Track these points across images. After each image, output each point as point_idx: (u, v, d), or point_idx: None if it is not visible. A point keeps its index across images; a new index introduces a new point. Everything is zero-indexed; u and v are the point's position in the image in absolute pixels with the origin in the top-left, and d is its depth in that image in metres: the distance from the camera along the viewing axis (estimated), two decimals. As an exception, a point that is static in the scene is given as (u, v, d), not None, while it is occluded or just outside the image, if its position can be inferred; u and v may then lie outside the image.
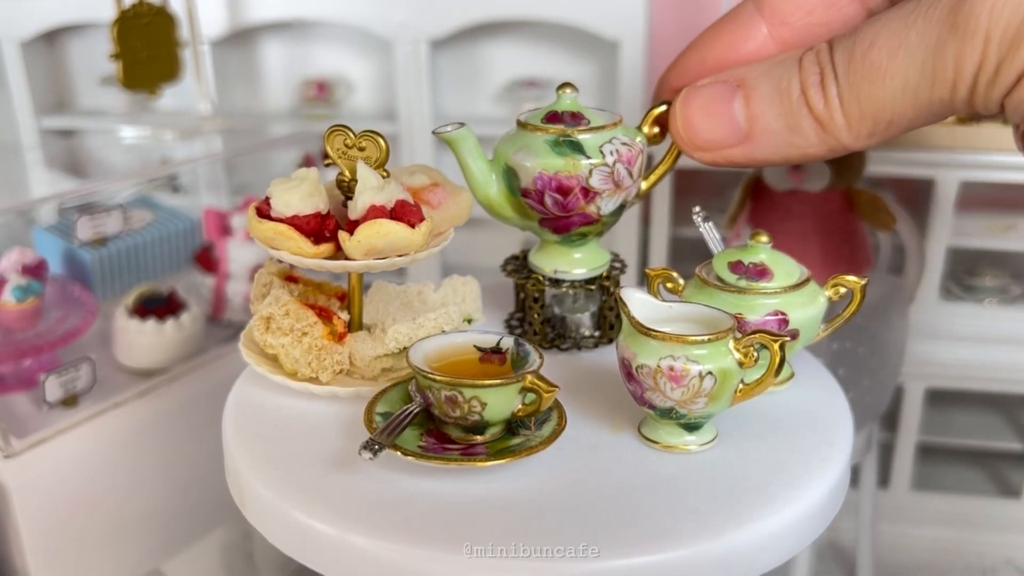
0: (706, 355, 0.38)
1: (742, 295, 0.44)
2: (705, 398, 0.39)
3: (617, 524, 0.37)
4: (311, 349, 0.46)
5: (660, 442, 0.42)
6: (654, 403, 0.40)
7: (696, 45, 0.45)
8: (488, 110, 1.73)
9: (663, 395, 0.39)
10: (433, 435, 0.42)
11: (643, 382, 0.39)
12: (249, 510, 0.42)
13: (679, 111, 0.43)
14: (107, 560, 0.83)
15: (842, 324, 0.47)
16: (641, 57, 1.50)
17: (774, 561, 0.38)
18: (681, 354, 0.38)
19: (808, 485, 0.39)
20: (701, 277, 0.46)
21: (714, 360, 0.38)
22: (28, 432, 0.77)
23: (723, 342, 0.39)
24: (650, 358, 0.39)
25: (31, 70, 1.74)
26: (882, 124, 0.37)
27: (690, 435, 0.42)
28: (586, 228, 0.49)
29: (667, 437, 0.42)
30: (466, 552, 0.35)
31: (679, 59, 0.46)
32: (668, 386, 0.39)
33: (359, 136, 0.45)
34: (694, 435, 0.42)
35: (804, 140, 0.39)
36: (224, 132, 1.22)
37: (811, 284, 0.45)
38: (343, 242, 0.44)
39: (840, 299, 0.46)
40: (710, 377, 0.38)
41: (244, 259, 0.97)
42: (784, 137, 0.39)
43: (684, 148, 0.44)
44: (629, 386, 0.41)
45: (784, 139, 0.40)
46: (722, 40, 0.44)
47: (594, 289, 0.52)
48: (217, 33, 1.63)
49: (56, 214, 1.00)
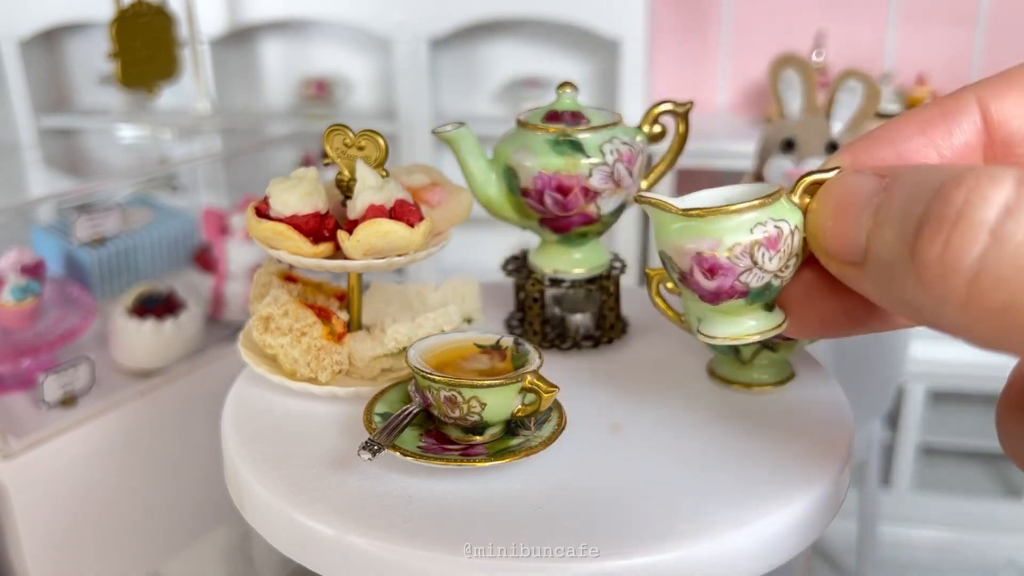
0: (786, 210, 0.35)
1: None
2: (795, 258, 0.36)
3: (617, 524, 0.37)
4: (310, 349, 0.46)
5: (747, 335, 0.37)
6: (750, 285, 0.36)
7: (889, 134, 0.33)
8: (488, 110, 1.73)
9: (760, 270, 0.35)
10: (432, 435, 0.41)
11: (736, 265, 0.35)
12: (248, 510, 0.42)
13: (817, 197, 0.34)
14: (107, 560, 0.83)
15: None
16: (641, 57, 1.50)
17: (774, 561, 0.38)
18: (767, 218, 0.35)
19: (808, 485, 0.39)
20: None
21: (792, 214, 0.35)
22: (27, 432, 0.77)
23: (783, 197, 0.35)
24: (741, 234, 0.35)
25: (30, 69, 1.74)
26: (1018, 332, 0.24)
27: (771, 315, 0.38)
28: (586, 228, 0.49)
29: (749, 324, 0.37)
30: (466, 552, 0.35)
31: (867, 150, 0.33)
32: (766, 256, 0.35)
33: (358, 135, 0.45)
34: (774, 314, 0.38)
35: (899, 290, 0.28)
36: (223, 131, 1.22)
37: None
38: (342, 242, 0.44)
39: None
40: (797, 232, 0.35)
41: (243, 259, 0.97)
42: (886, 280, 0.28)
43: (810, 245, 0.35)
44: (711, 283, 0.36)
45: (886, 283, 0.28)
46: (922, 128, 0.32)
47: (594, 289, 0.52)
48: (216, 32, 1.63)
49: (55, 214, 1.00)
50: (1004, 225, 0.23)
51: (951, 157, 0.31)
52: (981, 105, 0.31)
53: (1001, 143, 0.31)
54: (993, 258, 0.23)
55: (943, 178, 0.26)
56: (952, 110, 0.31)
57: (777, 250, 0.35)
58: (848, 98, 0.97)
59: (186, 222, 1.04)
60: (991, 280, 0.23)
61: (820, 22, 1.61)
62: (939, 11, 1.60)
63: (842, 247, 0.31)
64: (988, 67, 1.61)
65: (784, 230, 0.35)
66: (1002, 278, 0.23)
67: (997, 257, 0.23)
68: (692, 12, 1.71)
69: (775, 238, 0.35)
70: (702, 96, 1.75)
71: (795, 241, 0.35)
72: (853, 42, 1.63)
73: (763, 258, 0.35)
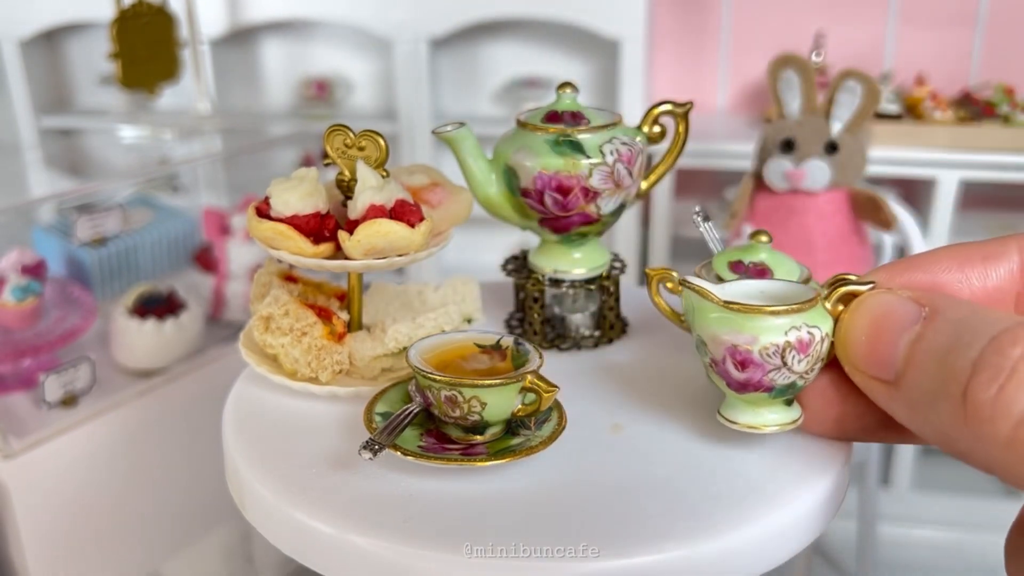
0: (817, 317, 0.37)
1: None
2: (821, 361, 0.38)
3: (617, 524, 0.37)
4: (311, 349, 0.46)
5: (764, 426, 0.39)
6: (775, 383, 0.38)
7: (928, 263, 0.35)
8: (488, 110, 1.73)
9: (789, 371, 0.37)
10: (433, 435, 0.42)
11: (767, 363, 0.37)
12: (249, 510, 0.42)
13: (851, 309, 0.36)
14: (107, 560, 0.83)
15: None
16: (641, 57, 1.50)
17: (774, 561, 0.38)
18: (803, 323, 0.37)
19: (808, 485, 0.39)
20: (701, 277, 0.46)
21: (824, 321, 0.37)
22: (28, 432, 0.77)
23: (820, 303, 0.37)
24: (776, 335, 0.37)
25: (31, 69, 1.74)
26: None
27: (789, 410, 0.40)
28: (586, 228, 0.49)
29: (768, 417, 0.39)
30: (466, 552, 0.35)
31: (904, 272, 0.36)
32: (796, 358, 0.37)
33: (359, 136, 0.45)
34: (792, 409, 0.40)
35: (939, 421, 0.30)
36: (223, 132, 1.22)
37: (811, 283, 0.45)
38: (343, 242, 0.44)
39: None
40: (827, 339, 0.37)
41: (243, 259, 0.97)
42: (923, 406, 0.31)
43: (837, 352, 0.37)
44: (742, 375, 0.38)
45: (922, 409, 0.31)
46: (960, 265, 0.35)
47: (594, 289, 0.52)
48: (217, 32, 1.63)
49: (56, 214, 1.00)
50: None
51: (982, 297, 0.34)
52: (1022, 255, 0.34)
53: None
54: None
55: (994, 329, 0.29)
56: (993, 254, 0.35)
57: (807, 354, 0.37)
58: (847, 98, 0.97)
59: (187, 222, 1.04)
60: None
61: (819, 22, 1.61)
62: (939, 11, 1.60)
63: (875, 365, 0.34)
64: (988, 67, 1.61)
65: (816, 336, 0.37)
66: None
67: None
68: (692, 12, 1.71)
69: (807, 343, 0.37)
70: (702, 96, 1.75)
71: (824, 347, 0.37)
72: (852, 42, 1.63)
73: (793, 360, 0.37)
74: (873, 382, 0.34)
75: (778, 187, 1.02)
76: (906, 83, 1.59)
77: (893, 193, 1.35)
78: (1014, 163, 1.39)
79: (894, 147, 1.42)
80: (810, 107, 1.00)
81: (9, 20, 1.70)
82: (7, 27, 1.70)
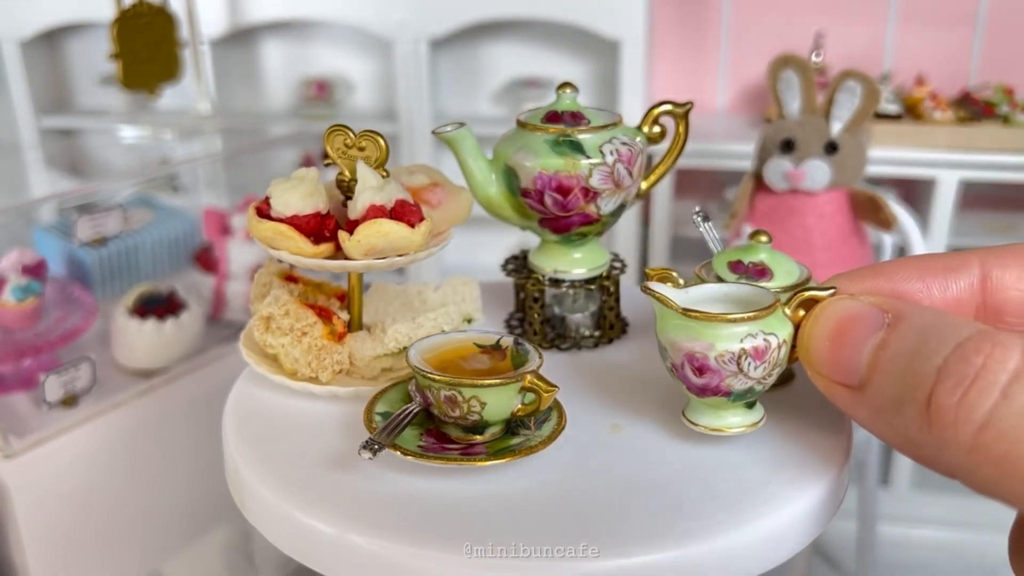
0: (774, 324, 0.38)
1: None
2: (779, 368, 0.38)
3: (617, 524, 0.37)
4: (311, 349, 0.46)
5: (727, 428, 0.40)
6: (733, 388, 0.39)
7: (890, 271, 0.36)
8: (488, 110, 1.73)
9: (745, 376, 0.38)
10: (433, 435, 0.42)
11: (723, 369, 0.38)
12: (249, 510, 0.42)
13: (814, 315, 0.36)
14: (107, 560, 0.83)
15: None
16: (641, 57, 1.50)
17: (774, 561, 0.38)
18: (759, 330, 0.37)
19: (808, 485, 0.39)
20: (700, 277, 0.46)
21: (782, 327, 0.38)
22: (28, 432, 0.77)
23: (779, 309, 0.38)
24: (731, 343, 0.37)
25: (31, 70, 1.74)
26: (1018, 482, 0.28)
27: (751, 412, 0.41)
28: (586, 228, 0.49)
29: (731, 420, 0.40)
30: (466, 552, 0.35)
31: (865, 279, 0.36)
32: (751, 365, 0.38)
33: (359, 136, 0.45)
34: (753, 411, 0.41)
35: (903, 425, 0.30)
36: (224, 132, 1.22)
37: (811, 284, 0.45)
38: (343, 242, 0.44)
39: None
40: (784, 346, 0.38)
41: (244, 259, 0.97)
42: (887, 411, 0.31)
43: (800, 357, 0.37)
44: (699, 380, 0.39)
45: (886, 414, 0.31)
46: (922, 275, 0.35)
47: (594, 289, 0.52)
48: (217, 33, 1.63)
49: (56, 214, 1.00)
50: (1012, 387, 0.27)
51: (942, 307, 0.34)
52: (983, 269, 0.34)
53: (993, 308, 0.34)
54: (1000, 413, 0.27)
55: (959, 335, 0.29)
56: (955, 266, 0.35)
57: (763, 361, 0.38)
58: (847, 98, 0.97)
59: (187, 222, 1.04)
60: (995, 431, 0.27)
61: (819, 22, 1.61)
62: (939, 11, 1.60)
63: (838, 370, 0.34)
64: (988, 67, 1.61)
65: (772, 343, 0.38)
66: (1005, 430, 0.27)
67: (1003, 413, 0.27)
68: (692, 12, 1.71)
69: (763, 350, 0.38)
70: (702, 96, 1.75)
71: (782, 353, 0.38)
72: (852, 42, 1.63)
73: (749, 367, 0.38)
74: (836, 387, 0.34)
75: (778, 187, 1.02)
76: (906, 83, 1.59)
77: (893, 193, 1.35)
78: (1014, 163, 1.39)
79: (894, 147, 1.42)
80: (810, 107, 1.00)
81: (9, 20, 1.70)
82: (7, 27, 1.70)
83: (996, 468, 0.28)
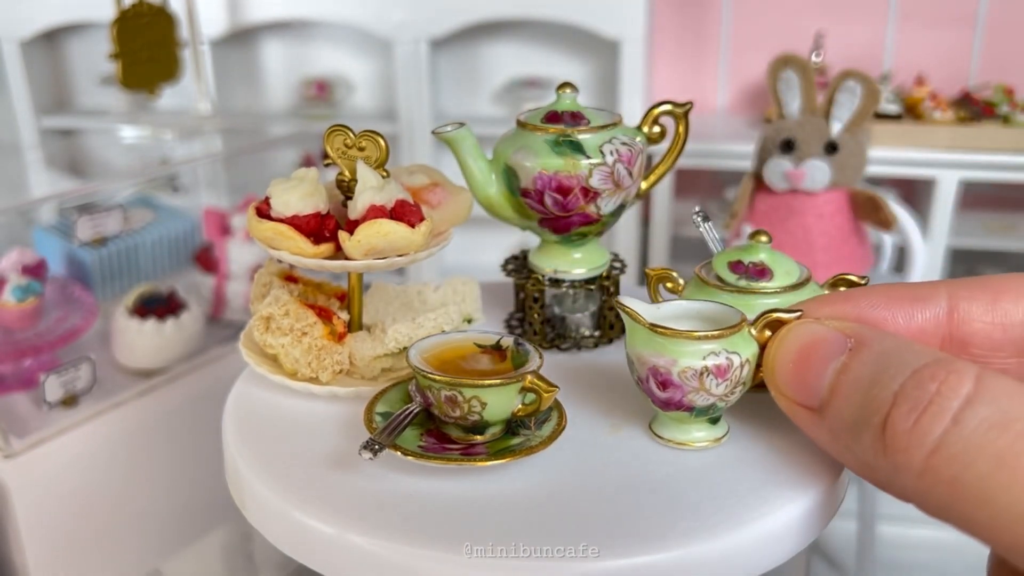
0: (739, 343, 0.38)
1: (742, 295, 0.44)
2: (742, 386, 0.39)
3: (617, 524, 0.37)
4: (311, 349, 0.46)
5: (692, 442, 0.41)
6: (695, 403, 0.39)
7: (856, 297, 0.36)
8: (488, 110, 1.73)
9: (707, 393, 0.39)
10: (433, 435, 0.42)
11: (685, 385, 0.39)
12: (249, 510, 0.42)
13: (780, 336, 0.37)
14: (107, 560, 0.83)
15: None
16: (641, 57, 1.50)
17: (774, 561, 0.38)
18: (722, 349, 0.38)
19: (808, 485, 0.39)
20: (701, 277, 0.46)
21: (746, 347, 0.38)
22: (28, 432, 0.77)
23: (745, 328, 0.39)
24: (693, 359, 0.38)
25: (31, 70, 1.75)
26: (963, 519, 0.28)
27: (715, 428, 0.42)
28: (586, 228, 0.49)
29: (695, 434, 0.41)
30: (466, 552, 0.35)
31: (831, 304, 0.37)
32: (713, 382, 0.38)
33: (359, 136, 0.45)
34: (717, 427, 0.42)
35: (860, 450, 0.31)
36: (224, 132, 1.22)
37: (811, 284, 0.45)
38: (343, 242, 0.44)
39: None
40: (748, 365, 0.39)
41: (244, 259, 0.97)
42: (846, 434, 0.32)
43: (764, 377, 0.38)
44: (663, 394, 0.40)
45: (845, 437, 0.32)
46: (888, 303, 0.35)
47: (594, 289, 0.52)
48: (217, 33, 1.63)
49: (56, 214, 1.00)
50: (963, 412, 0.28)
51: (905, 335, 0.34)
52: (951, 301, 0.35)
53: (959, 339, 0.35)
54: (951, 438, 0.28)
55: (917, 362, 0.30)
56: (922, 297, 0.35)
57: (725, 379, 0.39)
58: (847, 98, 0.97)
59: (187, 222, 1.04)
60: (946, 455, 0.28)
61: (819, 22, 1.61)
62: (939, 11, 1.60)
63: (800, 392, 0.35)
64: (988, 67, 1.61)
65: (735, 362, 0.38)
66: (955, 454, 0.27)
67: (954, 438, 0.28)
68: (692, 13, 1.71)
69: (725, 368, 0.38)
70: (701, 96, 1.75)
71: (744, 372, 0.39)
72: (852, 42, 1.63)
73: (711, 384, 0.39)
74: (798, 408, 0.35)
75: (778, 187, 1.02)
76: (906, 83, 1.59)
77: (893, 193, 1.35)
78: (1014, 163, 1.39)
79: (894, 147, 1.42)
80: (810, 107, 1.00)
81: (9, 20, 1.70)
82: (7, 27, 1.70)
83: (947, 492, 0.28)
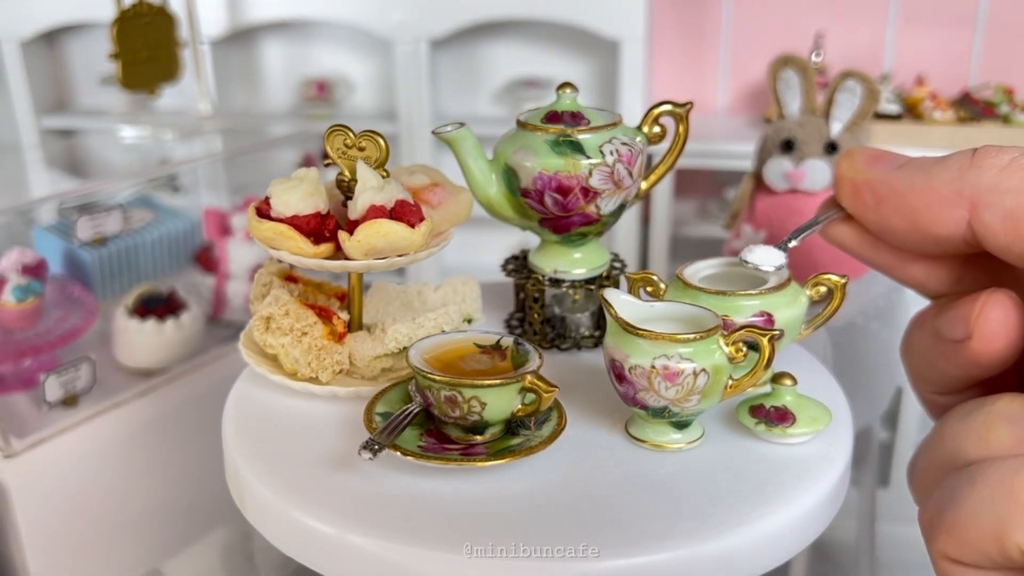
0: (698, 352, 0.38)
1: (725, 297, 0.44)
2: (698, 395, 0.39)
3: (617, 524, 0.37)
4: (311, 349, 0.46)
5: (648, 441, 0.42)
6: (647, 403, 0.40)
7: None
8: (488, 110, 1.73)
9: (657, 395, 0.39)
10: (433, 435, 0.42)
11: (636, 382, 0.39)
12: (249, 510, 0.42)
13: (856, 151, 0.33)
14: (107, 560, 0.83)
15: (823, 322, 0.47)
16: (641, 57, 1.50)
17: (774, 561, 0.38)
18: (674, 353, 0.38)
19: (808, 485, 0.39)
20: (683, 279, 0.45)
21: (706, 357, 0.38)
22: (28, 432, 0.77)
23: (713, 339, 0.39)
24: (643, 358, 0.38)
25: (31, 70, 1.75)
26: None
27: (678, 433, 0.42)
28: (586, 228, 0.49)
29: (656, 436, 0.42)
30: (466, 552, 0.35)
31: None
32: (662, 385, 0.39)
33: (359, 136, 0.45)
34: (682, 433, 0.42)
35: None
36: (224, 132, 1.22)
37: (792, 284, 0.45)
38: (343, 242, 0.44)
39: (821, 298, 0.46)
40: (703, 374, 0.38)
41: (244, 259, 0.97)
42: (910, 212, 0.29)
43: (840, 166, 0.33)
44: (620, 387, 0.41)
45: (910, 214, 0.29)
46: None
47: (594, 289, 0.52)
48: (217, 33, 1.63)
49: (56, 214, 1.00)
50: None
51: None
52: None
53: None
54: None
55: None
56: None
57: (675, 384, 0.38)
58: (847, 98, 0.97)
59: (187, 222, 1.04)
60: None
61: (819, 22, 1.61)
62: (939, 12, 1.60)
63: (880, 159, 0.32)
64: (988, 67, 1.61)
65: (686, 369, 0.38)
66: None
67: None
68: (692, 13, 1.71)
69: (673, 373, 0.38)
70: (701, 97, 1.75)
71: (700, 381, 0.38)
72: (852, 43, 1.63)
73: (659, 385, 0.39)
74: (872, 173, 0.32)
75: (778, 187, 1.02)
76: (906, 83, 1.59)
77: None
78: (1014, 163, 1.39)
79: (894, 147, 1.42)
80: (810, 107, 1.00)
81: (9, 20, 1.70)
82: (7, 27, 1.70)
83: None
